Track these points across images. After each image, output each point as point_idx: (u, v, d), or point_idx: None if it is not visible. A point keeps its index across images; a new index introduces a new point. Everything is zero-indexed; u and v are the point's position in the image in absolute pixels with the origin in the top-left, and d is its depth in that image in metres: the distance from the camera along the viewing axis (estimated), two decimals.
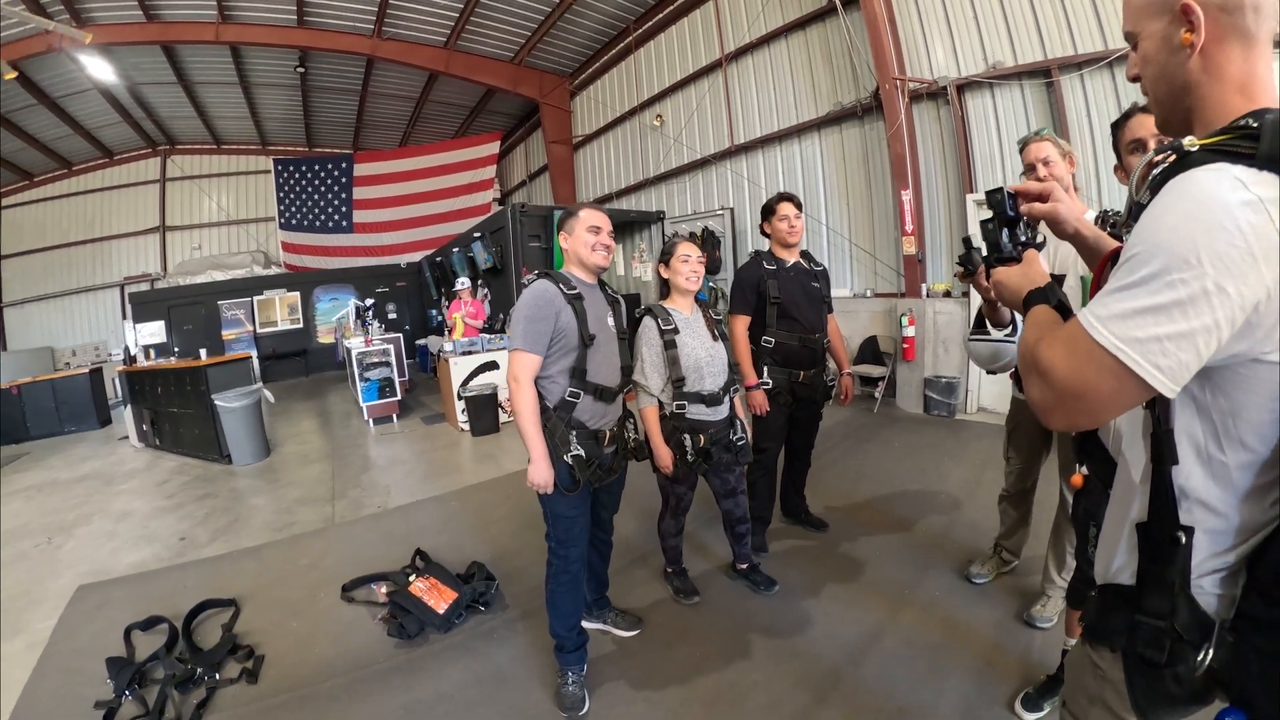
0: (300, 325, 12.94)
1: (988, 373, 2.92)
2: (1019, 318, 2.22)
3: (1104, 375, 0.84)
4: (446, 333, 7.56)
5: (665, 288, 2.98)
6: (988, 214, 1.37)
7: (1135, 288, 0.82)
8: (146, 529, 4.60)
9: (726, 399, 2.94)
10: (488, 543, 3.90)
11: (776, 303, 3.32)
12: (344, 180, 14.79)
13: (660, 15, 10.16)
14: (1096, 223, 2.18)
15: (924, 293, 6.79)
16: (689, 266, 2.89)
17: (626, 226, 10.64)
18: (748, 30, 8.73)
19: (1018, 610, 2.91)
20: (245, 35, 10.11)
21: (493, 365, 6.74)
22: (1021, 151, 2.54)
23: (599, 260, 2.44)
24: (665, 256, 2.93)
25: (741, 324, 3.37)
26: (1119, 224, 2.02)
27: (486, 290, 8.83)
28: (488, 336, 7.05)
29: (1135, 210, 0.92)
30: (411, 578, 3.19)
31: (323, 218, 14.73)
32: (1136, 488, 1.01)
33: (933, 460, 5.14)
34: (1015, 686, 2.42)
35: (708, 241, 9.05)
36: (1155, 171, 0.89)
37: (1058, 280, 2.25)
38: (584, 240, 2.42)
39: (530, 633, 2.92)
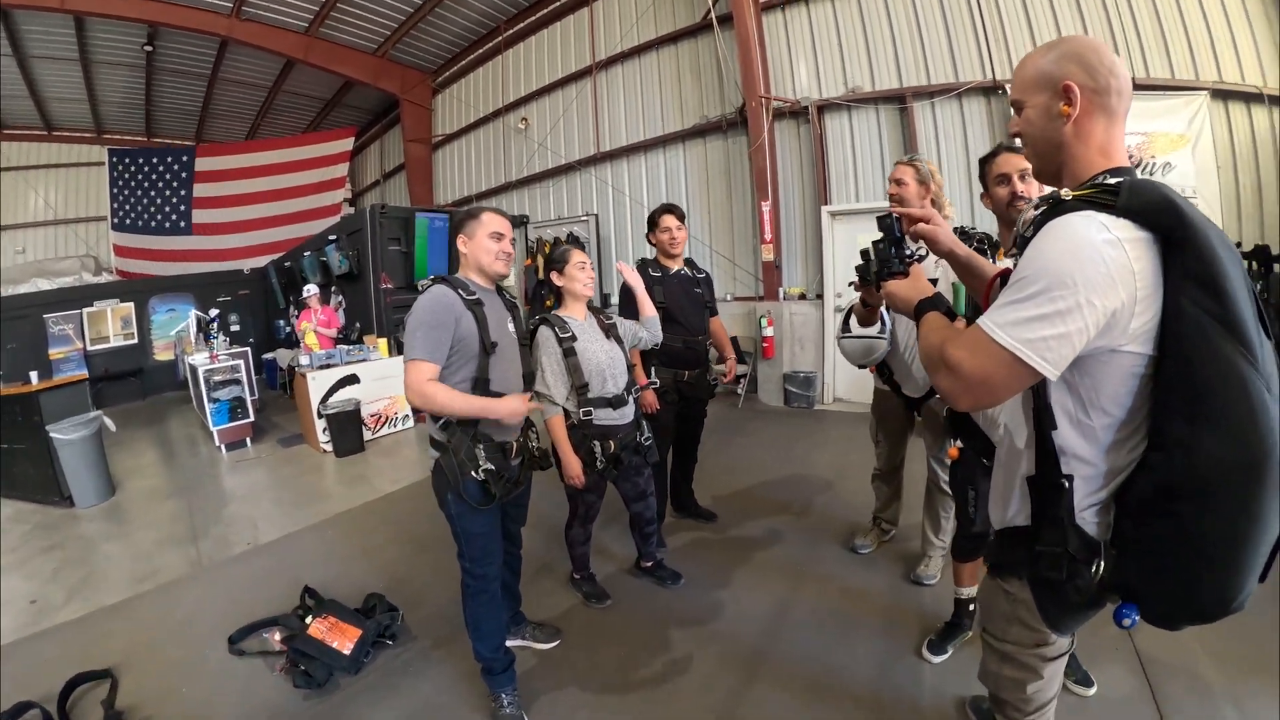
0: (135, 340, 11.06)
1: (858, 367, 3.23)
2: (887, 318, 2.88)
3: (1003, 368, 1.14)
4: (301, 345, 6.96)
5: (558, 296, 3.04)
6: (878, 235, 1.70)
7: (1026, 301, 1.11)
8: None
9: (631, 399, 3.02)
10: (378, 571, 3.72)
11: (662, 307, 3.48)
12: (184, 175, 13.21)
13: (533, 17, 10.19)
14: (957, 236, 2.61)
15: (781, 296, 7.51)
16: (585, 273, 2.95)
17: None
18: (620, 40, 9.01)
19: (903, 572, 3.38)
20: (90, 3, 8.87)
21: (353, 379, 6.36)
22: (895, 167, 3.00)
23: (500, 268, 2.38)
24: (559, 264, 2.96)
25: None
26: (974, 237, 2.62)
27: (341, 298, 8.25)
28: (346, 348, 6.60)
29: (1022, 242, 1.23)
30: (307, 619, 2.94)
31: (159, 217, 13.05)
32: (1023, 451, 1.34)
33: (800, 448, 5.74)
34: (918, 636, 2.81)
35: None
36: (1037, 213, 1.23)
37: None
38: (485, 247, 2.34)
39: (449, 660, 2.83)
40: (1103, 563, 1.20)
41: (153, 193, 13.10)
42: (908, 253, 1.66)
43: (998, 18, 6.69)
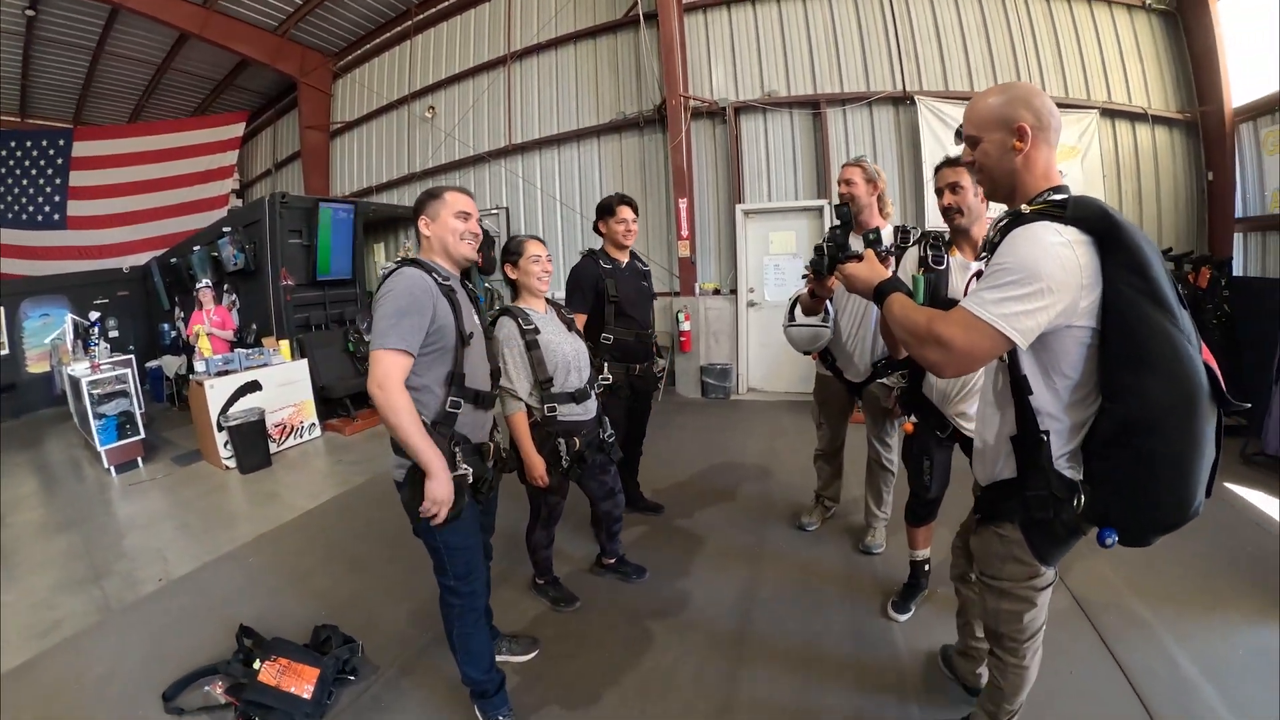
0: (5, 351, 9.34)
1: (803, 353, 3.50)
2: (830, 308, 3.16)
3: (987, 340, 1.45)
4: (195, 350, 6.35)
5: (513, 289, 2.93)
6: (837, 223, 2.02)
7: (1003, 288, 1.43)
8: None
9: (593, 393, 2.98)
10: (315, 598, 3.40)
11: (615, 301, 3.52)
12: (60, 162, 11.55)
13: (447, 3, 9.82)
14: (895, 234, 3.11)
15: (696, 291, 7.76)
16: (540, 266, 2.83)
17: (393, 223, 10.07)
18: (538, 32, 8.89)
19: (851, 544, 3.70)
20: None
21: (255, 386, 5.87)
22: (842, 168, 3.27)
23: (467, 251, 2.21)
24: (513, 256, 2.84)
25: (579, 321, 3.39)
26: (909, 235, 3.03)
27: (234, 296, 7.59)
28: (245, 352, 6.05)
29: (991, 245, 1.58)
30: (255, 663, 2.61)
31: (30, 209, 11.33)
32: (1002, 416, 1.70)
33: (726, 437, 6.03)
34: (879, 599, 3.12)
35: (483, 242, 8.76)
36: (1002, 223, 1.57)
37: None
38: (451, 227, 2.16)
39: (422, 687, 2.65)
40: (1081, 497, 1.52)
41: (24, 181, 11.41)
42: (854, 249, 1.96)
43: (910, 34, 7.27)
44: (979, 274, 1.98)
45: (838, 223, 2.02)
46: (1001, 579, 1.79)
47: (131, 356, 6.18)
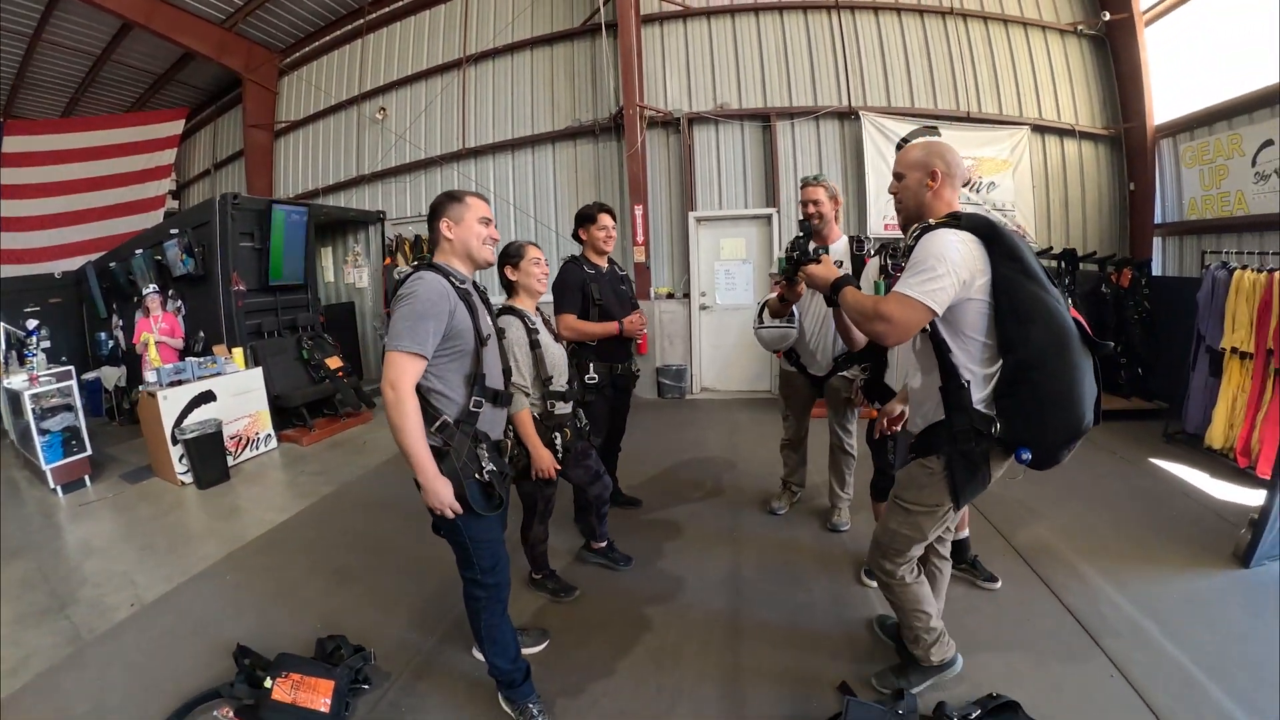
0: None
1: (771, 352, 3.94)
2: (797, 311, 3.58)
3: (914, 311, 1.92)
4: (143, 360, 6.04)
5: (509, 290, 3.06)
6: (800, 234, 2.55)
7: (922, 274, 1.92)
8: None
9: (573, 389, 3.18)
10: (307, 611, 3.31)
11: (599, 304, 3.67)
12: None
13: (402, 2, 9.67)
14: (850, 243, 3.50)
15: (651, 295, 7.95)
16: (540, 269, 2.98)
17: (341, 227, 9.79)
18: (494, 36, 8.89)
19: (820, 523, 4.08)
20: None
21: (209, 396, 5.66)
22: (801, 189, 3.61)
23: (489, 255, 2.28)
24: (514, 259, 2.96)
25: (562, 323, 3.60)
26: (863, 244, 3.47)
27: (180, 303, 7.22)
28: (197, 361, 5.81)
29: (908, 249, 2.08)
30: (267, 682, 2.50)
31: None
32: (930, 374, 2.14)
33: (688, 433, 6.39)
34: (852, 569, 3.50)
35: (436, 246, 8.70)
36: (916, 233, 2.06)
37: None
38: (475, 231, 2.22)
39: (441, 689, 2.67)
40: (997, 425, 1.99)
41: None
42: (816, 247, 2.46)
43: (856, 53, 7.74)
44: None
45: (801, 234, 2.55)
46: (916, 503, 2.21)
47: (72, 368, 5.65)
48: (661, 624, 3.05)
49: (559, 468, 2.92)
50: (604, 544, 3.61)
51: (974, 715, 2.27)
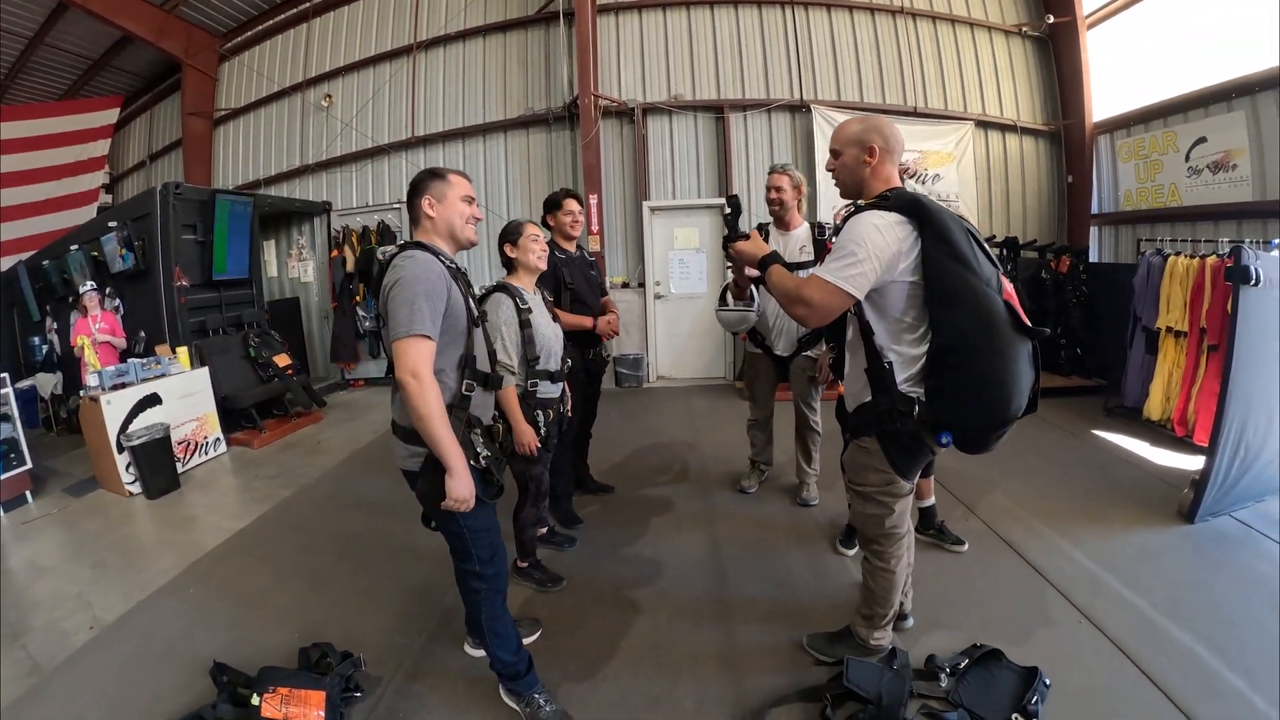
0: None
1: (732, 334, 4.11)
2: (756, 292, 3.66)
3: (834, 296, 1.96)
4: (81, 363, 5.76)
5: (509, 267, 3.08)
6: (728, 210, 2.63)
7: (841, 259, 1.95)
8: None
9: (565, 374, 3.17)
10: (282, 621, 3.13)
11: (571, 289, 3.73)
12: None
13: None
14: (812, 229, 3.74)
15: (607, 285, 8.00)
16: (539, 245, 3.00)
17: (285, 219, 9.46)
18: (445, 22, 8.70)
19: (789, 500, 4.24)
20: None
21: (155, 400, 5.36)
22: (769, 175, 3.75)
23: (472, 235, 2.20)
24: (513, 236, 2.99)
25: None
26: (825, 230, 3.64)
27: (119, 302, 6.81)
28: (140, 362, 5.48)
29: (835, 230, 2.14)
30: (254, 699, 2.35)
31: None
32: (858, 355, 2.17)
33: (649, 420, 6.51)
34: (826, 540, 3.67)
35: (384, 237, 8.74)
36: (845, 216, 2.08)
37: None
38: (459, 210, 2.14)
39: (440, 689, 2.59)
40: (917, 407, 2.02)
41: None
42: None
43: (809, 48, 7.92)
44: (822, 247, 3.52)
45: (728, 210, 2.61)
46: (865, 485, 2.27)
47: (5, 375, 5.20)
48: (651, 607, 3.10)
49: (536, 448, 2.90)
50: (545, 529, 3.62)
51: (962, 665, 2.41)
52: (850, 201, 2.19)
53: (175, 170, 10.97)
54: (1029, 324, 1.93)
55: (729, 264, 3.09)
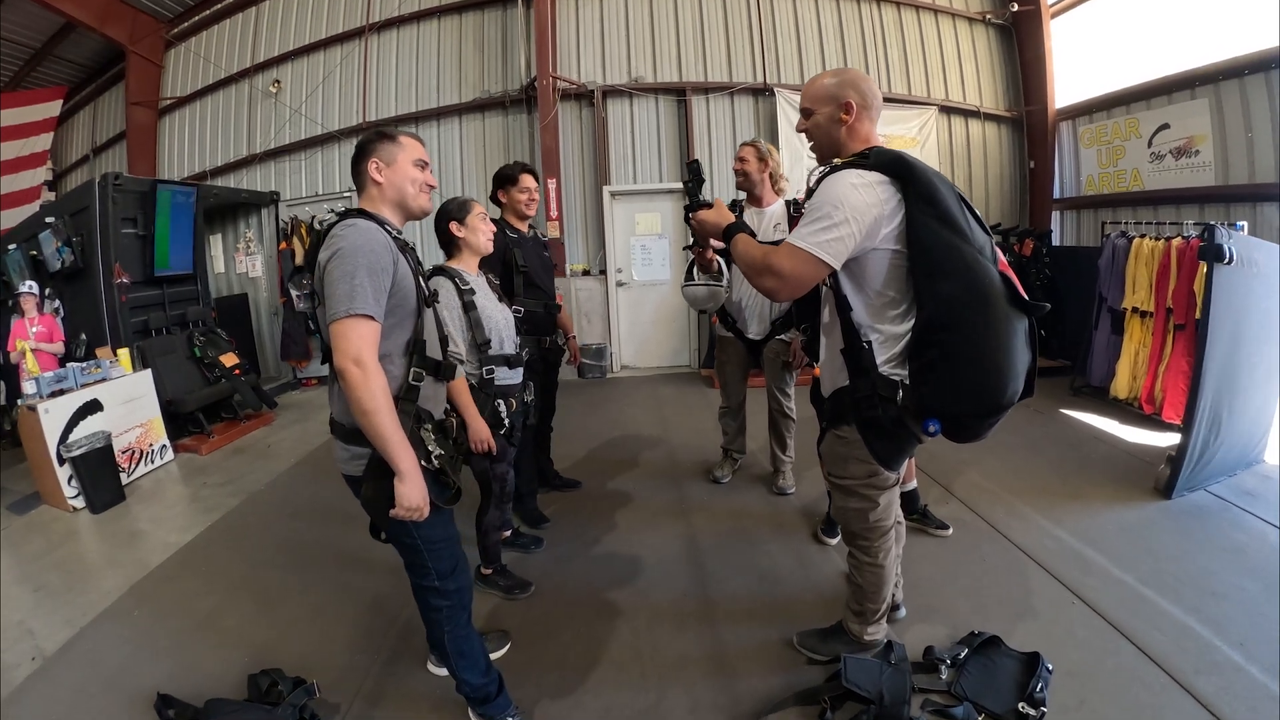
0: None
1: (700, 312, 3.92)
2: (724, 266, 3.43)
3: (808, 265, 1.73)
4: (20, 370, 5.35)
5: (452, 249, 2.78)
6: (688, 178, 2.36)
7: (815, 222, 1.72)
8: None
9: (524, 358, 2.93)
10: (230, 644, 2.86)
11: (524, 271, 3.42)
12: None
13: None
14: (789, 206, 3.55)
15: (567, 272, 7.78)
16: (488, 225, 2.75)
17: (231, 211, 8.99)
18: (399, 4, 8.33)
19: (765, 488, 4.09)
20: None
21: (95, 406, 4.97)
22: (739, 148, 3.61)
23: (425, 203, 1.93)
24: (459, 214, 2.69)
25: None
26: (801, 206, 3.39)
27: (58, 303, 6.30)
28: (79, 366, 5.06)
29: (809, 193, 1.86)
30: None
31: None
32: (834, 335, 1.96)
33: (615, 411, 6.28)
34: (805, 529, 3.55)
35: None
36: (819, 175, 1.84)
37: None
38: (410, 175, 1.87)
39: (406, 712, 2.37)
40: (900, 392, 1.79)
41: None
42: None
43: (772, 30, 7.85)
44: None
45: (689, 179, 2.35)
46: (846, 477, 2.08)
47: None
48: (630, 609, 2.90)
49: (493, 445, 2.60)
50: (509, 532, 3.39)
51: (961, 655, 2.31)
52: (829, 165, 1.89)
53: (120, 164, 10.20)
54: (1027, 298, 1.73)
55: (692, 240, 2.82)
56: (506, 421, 2.74)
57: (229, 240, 9.17)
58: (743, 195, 3.73)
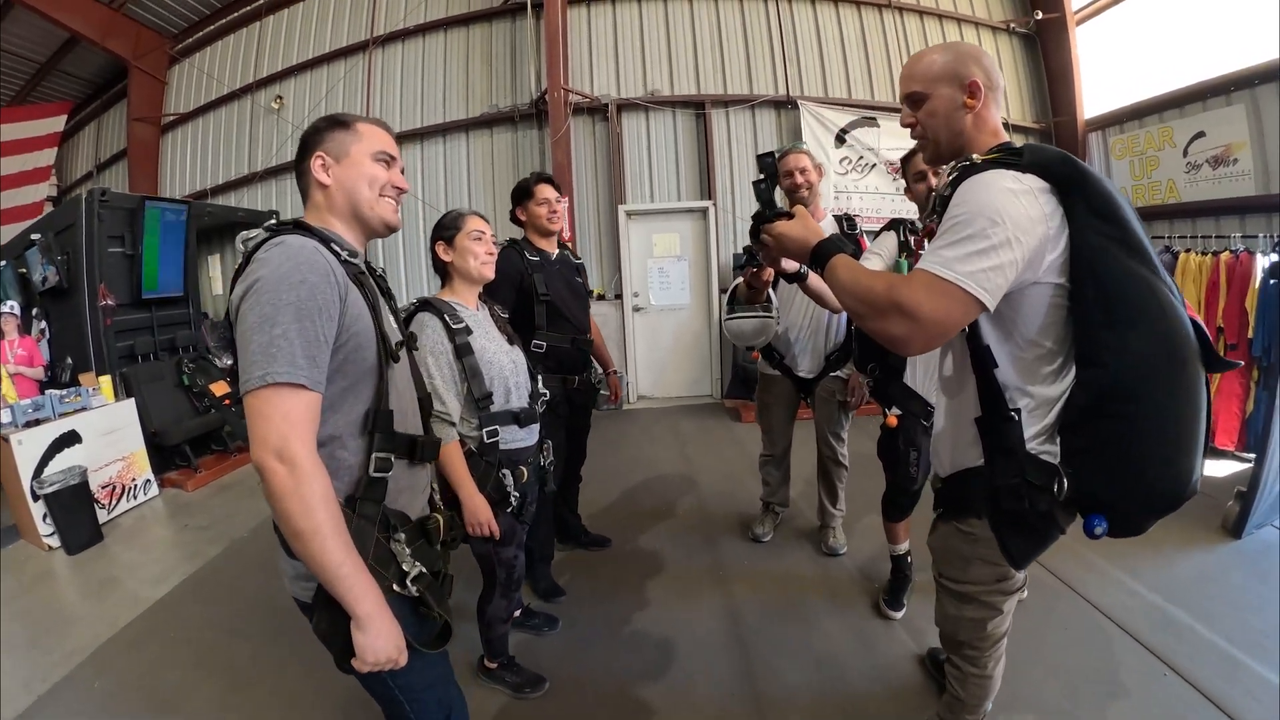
0: None
1: (746, 349, 3.32)
2: (773, 295, 2.88)
3: (955, 303, 1.21)
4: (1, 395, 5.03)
5: (444, 275, 2.24)
6: (761, 176, 1.65)
7: (963, 241, 1.21)
8: None
9: (539, 412, 2.32)
10: None
11: (546, 300, 2.91)
12: None
13: None
14: (840, 223, 3.02)
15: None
16: (483, 246, 2.14)
17: (230, 230, 8.58)
18: (404, 16, 8.08)
19: (813, 548, 3.54)
20: None
21: (74, 438, 4.62)
22: (780, 159, 2.94)
23: (387, 213, 1.39)
24: (448, 233, 2.14)
25: None
26: (855, 222, 3.02)
27: (44, 324, 6.02)
28: (57, 394, 4.73)
29: (941, 201, 1.34)
30: None
31: None
32: (962, 396, 1.47)
33: (636, 449, 5.67)
34: (865, 598, 3.02)
35: None
36: (952, 176, 1.35)
37: None
38: (368, 173, 1.34)
39: None
40: (1064, 482, 1.28)
41: None
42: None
43: (794, 41, 7.50)
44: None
45: (762, 179, 1.64)
46: (966, 582, 1.57)
47: None
48: (664, 710, 2.38)
49: (496, 529, 2.04)
50: (519, 610, 2.83)
51: None
52: (961, 161, 1.39)
53: (122, 180, 10.07)
54: (1219, 355, 1.29)
55: (753, 253, 2.05)
56: (515, 497, 2.15)
57: (228, 261, 8.85)
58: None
